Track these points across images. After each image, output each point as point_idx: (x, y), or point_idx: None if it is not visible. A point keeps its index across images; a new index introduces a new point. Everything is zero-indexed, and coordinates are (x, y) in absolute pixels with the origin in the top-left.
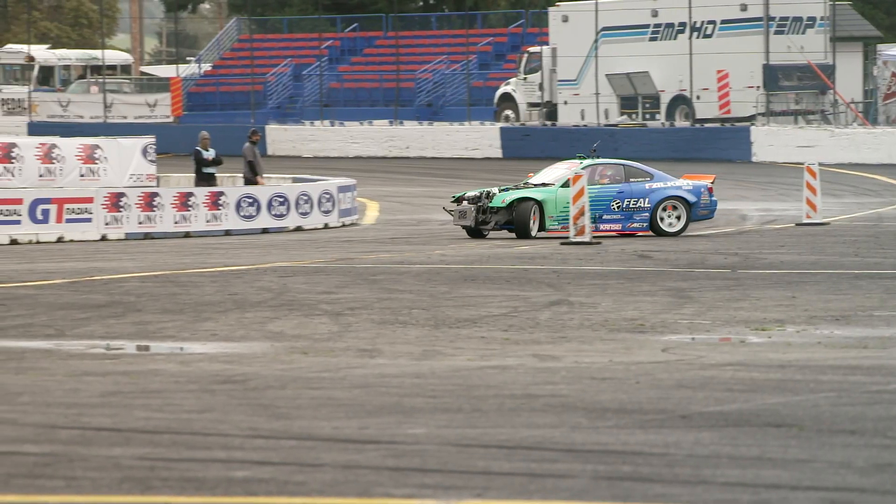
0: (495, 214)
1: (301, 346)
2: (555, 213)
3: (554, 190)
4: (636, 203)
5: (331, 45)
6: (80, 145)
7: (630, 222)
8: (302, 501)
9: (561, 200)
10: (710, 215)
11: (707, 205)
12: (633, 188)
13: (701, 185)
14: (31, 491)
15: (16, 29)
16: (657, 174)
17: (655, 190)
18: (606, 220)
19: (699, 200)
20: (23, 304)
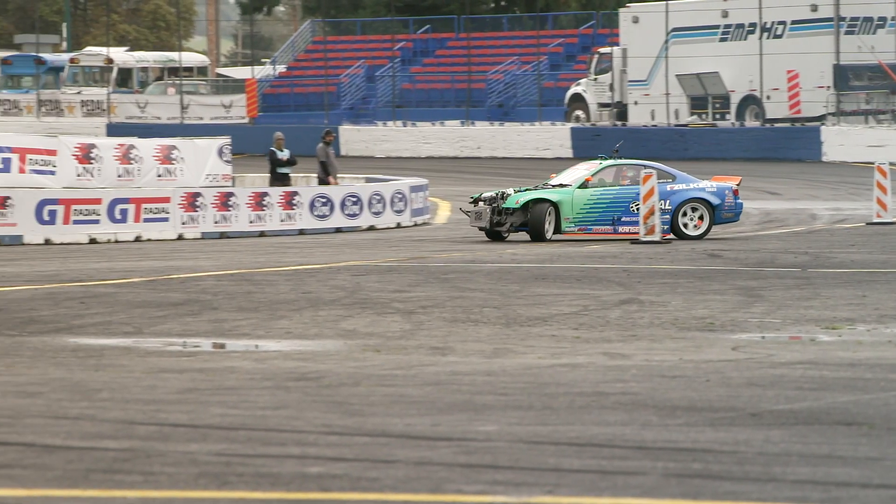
0: (510, 216)
1: (374, 344)
2: (571, 214)
3: (570, 191)
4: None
5: (403, 46)
6: (157, 146)
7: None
8: (375, 497)
9: (577, 202)
10: (735, 218)
11: (732, 207)
12: None
13: (725, 186)
14: (109, 486)
15: (95, 32)
16: (680, 175)
17: (677, 192)
18: (625, 223)
19: (723, 202)
20: (102, 302)
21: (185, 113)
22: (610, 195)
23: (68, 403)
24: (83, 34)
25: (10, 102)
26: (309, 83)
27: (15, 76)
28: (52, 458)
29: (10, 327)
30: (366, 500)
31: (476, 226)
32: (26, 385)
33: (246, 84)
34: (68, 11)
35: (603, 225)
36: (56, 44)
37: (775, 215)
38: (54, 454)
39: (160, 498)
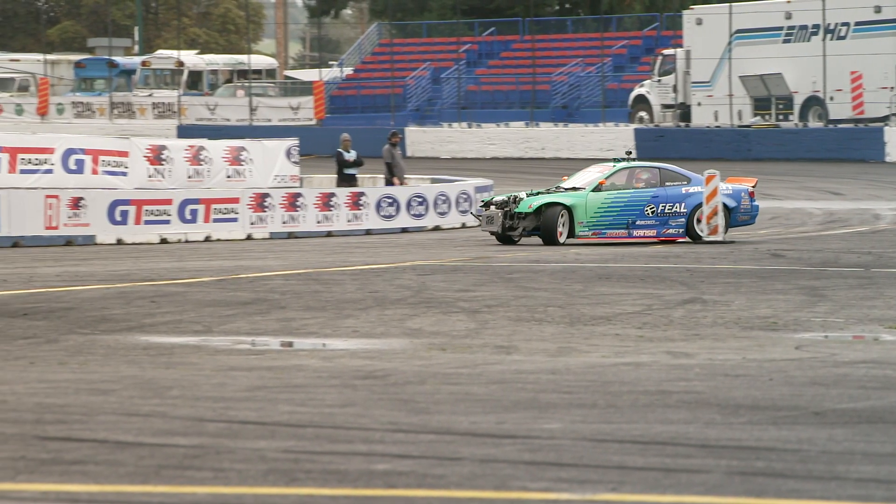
0: (523, 220)
1: (439, 343)
2: (585, 218)
3: (584, 195)
4: (671, 208)
5: (469, 48)
6: (226, 147)
7: (665, 228)
8: (441, 494)
9: (591, 206)
10: (750, 221)
11: (747, 210)
12: (668, 192)
13: (741, 189)
14: (180, 482)
15: (166, 35)
16: (695, 177)
17: (692, 194)
18: (640, 226)
19: (739, 205)
20: (172, 301)
21: (253, 115)
22: (624, 198)
23: (140, 401)
24: (154, 38)
25: (84, 105)
26: (375, 85)
27: (88, 79)
28: (125, 454)
29: (84, 326)
30: (431, 496)
31: (487, 230)
32: (99, 383)
33: (313, 86)
34: (140, 15)
35: (617, 229)
36: (128, 47)
37: (838, 215)
38: (126, 450)
39: (230, 494)
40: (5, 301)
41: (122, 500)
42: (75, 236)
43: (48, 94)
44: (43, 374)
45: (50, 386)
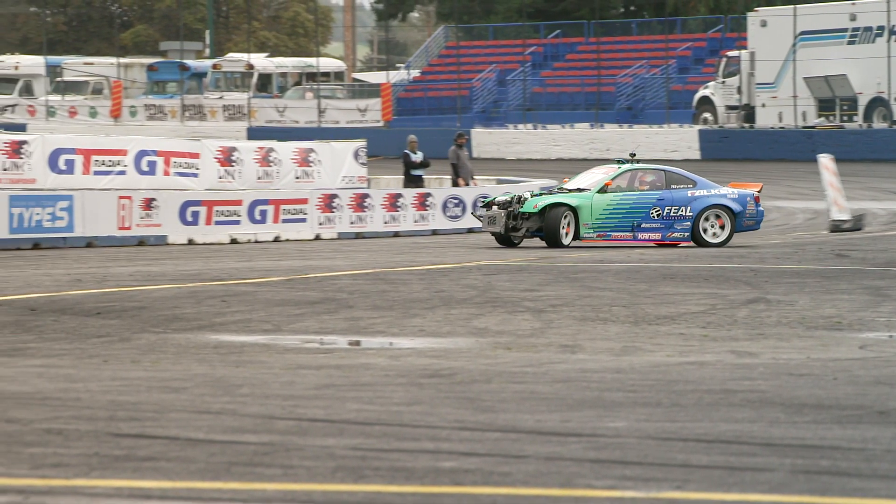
0: (526, 221)
1: (505, 342)
2: (590, 220)
3: (589, 196)
4: (677, 211)
5: (534, 51)
6: (295, 149)
7: (670, 231)
8: (506, 492)
9: (597, 207)
10: (755, 226)
11: (753, 214)
12: (674, 195)
13: (747, 193)
14: (250, 479)
15: (237, 38)
16: (700, 181)
17: (698, 198)
18: (645, 229)
19: (745, 210)
20: (242, 300)
21: (322, 117)
22: (629, 200)
23: (210, 398)
24: (225, 41)
25: (156, 107)
26: (442, 87)
27: (160, 82)
28: (196, 451)
29: (155, 325)
30: (498, 493)
31: (489, 231)
32: (171, 380)
33: (381, 89)
34: (211, 19)
35: (622, 231)
36: (199, 50)
37: None
38: (197, 447)
39: (299, 491)
40: (79, 300)
41: (193, 496)
42: (148, 236)
43: (121, 96)
44: (116, 372)
45: (123, 384)
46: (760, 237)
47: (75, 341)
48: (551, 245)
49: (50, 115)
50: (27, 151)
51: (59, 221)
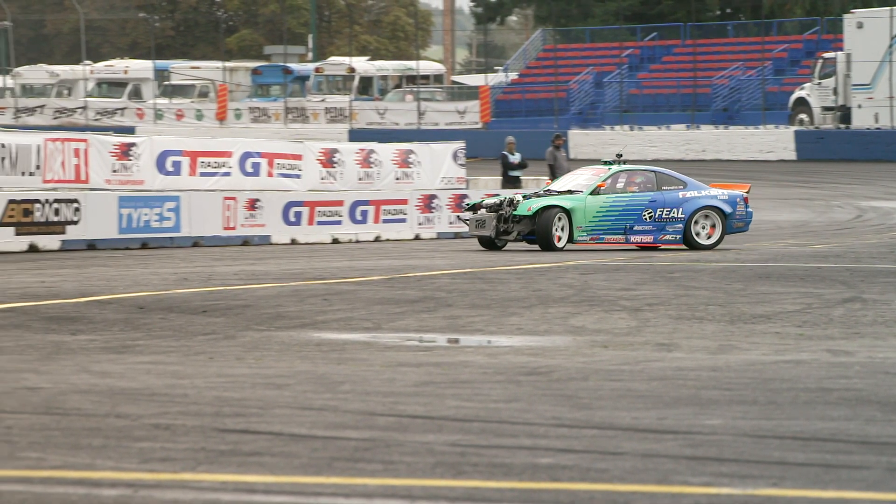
0: (517, 224)
1: (601, 340)
2: (584, 222)
3: (582, 198)
4: (669, 213)
5: (631, 53)
6: (395, 150)
7: (662, 234)
8: (604, 488)
9: (590, 209)
10: (744, 228)
11: (742, 216)
12: (665, 197)
13: (736, 194)
14: (352, 474)
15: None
16: (690, 182)
17: (689, 199)
18: (637, 232)
19: (735, 211)
20: (344, 298)
21: (421, 119)
22: (622, 202)
23: (313, 395)
24: (327, 45)
25: (260, 110)
26: (539, 89)
27: (264, 85)
28: (299, 446)
29: (259, 322)
30: (595, 490)
31: (477, 234)
32: (274, 377)
33: (479, 91)
34: (314, 24)
35: (615, 234)
36: (302, 54)
37: None
38: (300, 443)
39: (399, 486)
40: (186, 299)
41: (296, 490)
42: (252, 236)
43: (227, 99)
44: (221, 369)
45: (228, 380)
46: (856, 237)
47: (182, 339)
48: (544, 248)
49: (158, 118)
50: (136, 153)
51: (167, 222)
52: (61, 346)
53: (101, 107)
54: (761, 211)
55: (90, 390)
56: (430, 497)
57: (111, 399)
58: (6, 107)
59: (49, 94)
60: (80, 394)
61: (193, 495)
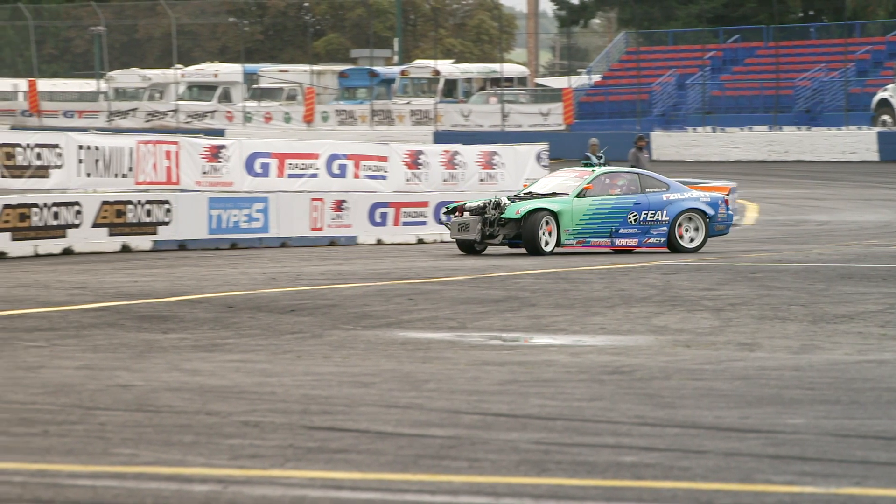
0: (503, 227)
1: (684, 340)
2: (570, 226)
3: (569, 200)
4: (654, 216)
5: (713, 55)
6: (479, 152)
7: (647, 237)
8: (687, 486)
9: (577, 212)
10: (725, 230)
11: (724, 219)
12: (650, 200)
13: (718, 197)
14: (437, 471)
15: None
16: (673, 184)
17: (673, 202)
18: (623, 235)
19: (717, 213)
20: (428, 298)
21: (505, 121)
22: (608, 205)
23: (398, 393)
24: (413, 48)
25: (347, 112)
26: (622, 91)
27: (351, 88)
28: (385, 443)
29: (346, 322)
30: (678, 488)
31: (460, 238)
32: (360, 376)
33: (563, 93)
34: (400, 27)
35: (601, 238)
36: (388, 57)
37: None
38: (386, 440)
39: (484, 483)
40: (274, 298)
41: (382, 487)
42: (338, 237)
43: (314, 102)
44: (309, 367)
45: (315, 378)
46: None
47: (270, 337)
48: (531, 252)
49: (246, 121)
50: (225, 156)
51: (255, 222)
52: (153, 345)
53: (191, 110)
54: (843, 212)
55: (181, 388)
56: (515, 494)
57: (201, 396)
58: (100, 110)
59: (141, 98)
60: (172, 391)
61: (282, 492)
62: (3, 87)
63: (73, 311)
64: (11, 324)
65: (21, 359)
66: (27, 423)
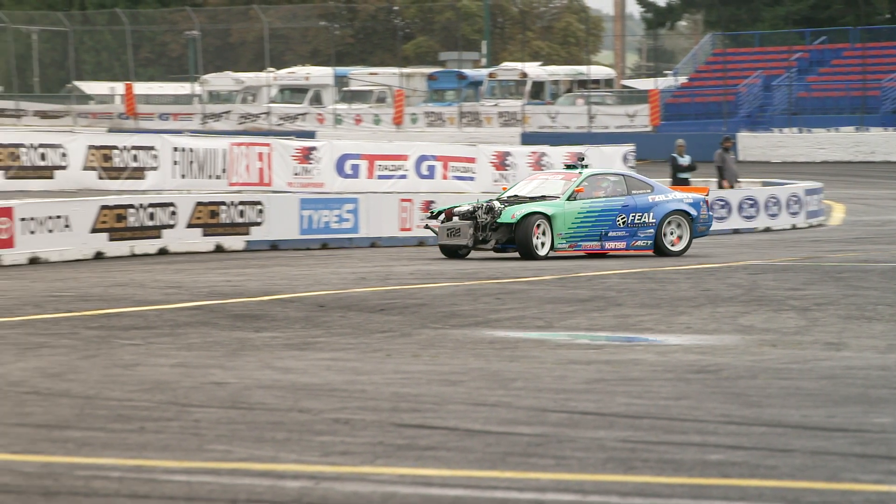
0: (495, 232)
1: (770, 339)
2: (563, 229)
3: (561, 203)
4: (640, 218)
5: (800, 57)
6: (566, 153)
7: (634, 240)
8: (773, 484)
9: (569, 215)
10: (706, 231)
11: (705, 220)
12: (637, 202)
13: (699, 198)
14: (524, 468)
15: (511, 48)
16: (657, 186)
17: (659, 203)
18: (612, 238)
19: (699, 215)
20: (516, 298)
21: (592, 122)
22: (598, 208)
23: (486, 391)
24: (500, 51)
25: (435, 114)
26: (709, 93)
27: (439, 90)
28: (473, 441)
29: (435, 321)
30: (764, 486)
31: (449, 243)
32: (449, 374)
33: (649, 94)
34: (488, 30)
35: (591, 241)
36: (476, 60)
37: None
38: (475, 438)
39: (571, 480)
40: (364, 297)
41: (471, 483)
42: (427, 237)
43: (403, 104)
44: (398, 366)
45: (405, 376)
46: None
47: (360, 336)
48: (525, 257)
49: (337, 123)
50: (316, 157)
51: (346, 223)
52: (246, 343)
53: (283, 112)
54: None
55: (273, 385)
56: (601, 492)
57: (293, 394)
58: (194, 113)
59: (234, 101)
60: (264, 389)
61: (372, 488)
62: (100, 91)
63: (169, 309)
64: (109, 322)
65: (118, 357)
66: (124, 420)
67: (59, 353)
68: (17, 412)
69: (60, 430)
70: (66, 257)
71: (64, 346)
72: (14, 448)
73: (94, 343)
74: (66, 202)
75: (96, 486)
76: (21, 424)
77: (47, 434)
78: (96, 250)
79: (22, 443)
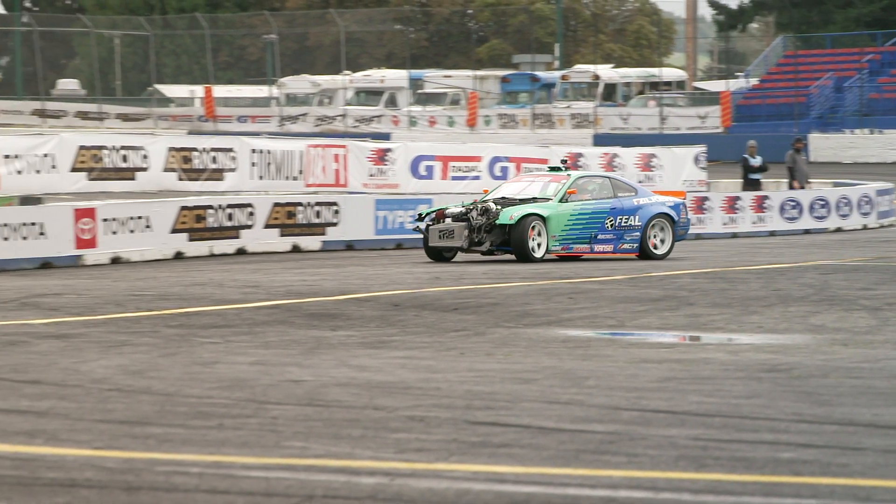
0: (489, 234)
1: (841, 339)
2: (557, 231)
3: (554, 205)
4: (627, 221)
5: (871, 58)
6: (638, 154)
7: (621, 243)
8: (845, 482)
9: (562, 217)
10: (685, 235)
11: (685, 224)
12: (623, 204)
13: (679, 202)
14: (597, 465)
15: (583, 51)
16: (640, 188)
17: (643, 206)
18: (601, 241)
19: (680, 218)
20: (588, 297)
21: (663, 124)
22: (588, 210)
23: (559, 389)
24: (573, 53)
25: (508, 116)
26: (780, 94)
27: (512, 92)
28: (546, 438)
29: (508, 320)
30: (836, 484)
31: (443, 245)
32: (522, 372)
33: (720, 96)
34: (561, 33)
35: (582, 243)
36: (549, 62)
37: None
38: (548, 435)
39: (643, 478)
40: (438, 297)
41: (544, 481)
42: None
43: (476, 107)
44: (472, 364)
45: (478, 375)
46: None
47: (434, 335)
48: (521, 259)
49: (412, 125)
50: (391, 158)
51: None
52: (322, 341)
53: (359, 114)
54: None
55: (349, 383)
56: (674, 489)
57: (369, 392)
58: (272, 115)
59: (311, 103)
60: (340, 386)
61: (447, 484)
62: (180, 94)
63: (247, 308)
64: (188, 321)
65: (197, 355)
66: (203, 417)
67: (141, 351)
68: (100, 409)
69: (142, 426)
70: (146, 257)
71: (145, 344)
72: (97, 444)
73: (174, 341)
74: (147, 203)
75: (176, 481)
76: (103, 421)
77: (129, 430)
78: (176, 250)
79: (104, 439)
